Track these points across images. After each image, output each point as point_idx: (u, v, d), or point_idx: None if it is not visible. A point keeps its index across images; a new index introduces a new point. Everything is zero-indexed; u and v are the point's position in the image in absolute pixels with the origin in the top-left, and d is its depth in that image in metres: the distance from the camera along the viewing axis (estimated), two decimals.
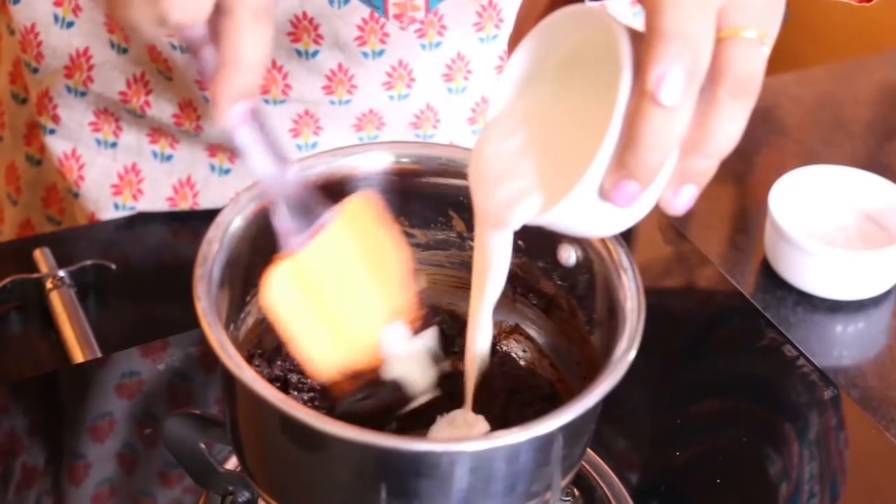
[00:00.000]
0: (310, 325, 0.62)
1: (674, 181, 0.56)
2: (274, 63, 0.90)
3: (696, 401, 0.83)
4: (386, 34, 0.90)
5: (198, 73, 0.92)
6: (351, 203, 0.63)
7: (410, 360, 0.64)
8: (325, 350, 0.62)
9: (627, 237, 0.63)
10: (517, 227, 0.60)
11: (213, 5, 0.55)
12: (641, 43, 0.54)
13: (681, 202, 0.57)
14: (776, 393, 0.83)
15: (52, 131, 0.97)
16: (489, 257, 0.62)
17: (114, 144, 0.97)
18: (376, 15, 0.89)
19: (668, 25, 0.53)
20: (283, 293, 0.61)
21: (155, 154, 0.97)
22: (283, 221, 0.60)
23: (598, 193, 0.55)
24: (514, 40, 0.60)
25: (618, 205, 0.55)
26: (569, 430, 0.57)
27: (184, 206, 0.98)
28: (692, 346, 0.88)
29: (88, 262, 0.89)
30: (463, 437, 0.62)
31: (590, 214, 0.57)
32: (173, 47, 0.90)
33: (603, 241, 0.64)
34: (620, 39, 0.54)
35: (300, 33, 0.89)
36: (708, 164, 0.56)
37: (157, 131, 0.96)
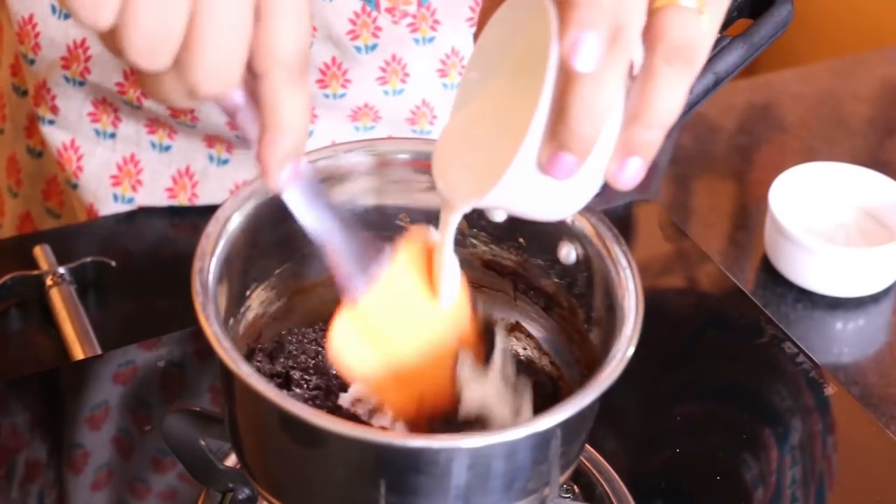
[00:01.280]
0: (382, 373, 0.61)
1: (618, 153, 0.56)
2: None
3: (695, 398, 0.83)
4: (378, 28, 0.90)
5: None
6: (405, 242, 0.62)
7: (488, 394, 0.64)
8: (401, 396, 0.62)
9: (627, 235, 0.63)
10: (465, 209, 0.61)
11: (244, 70, 0.53)
12: None
13: (627, 175, 0.56)
14: (776, 390, 0.83)
15: (50, 122, 0.97)
16: (443, 236, 0.62)
17: (112, 135, 0.97)
18: (368, 8, 0.89)
19: None
20: (350, 343, 0.60)
21: (153, 145, 0.97)
22: (342, 270, 0.59)
23: (538, 169, 0.55)
24: (480, 27, 0.60)
25: (557, 178, 0.55)
26: (567, 426, 0.57)
27: (183, 196, 0.98)
28: (692, 343, 0.88)
29: (88, 259, 0.89)
30: (461, 434, 0.62)
31: (536, 193, 0.57)
32: None
33: (602, 238, 0.64)
34: (550, 12, 0.54)
35: None
36: (651, 136, 0.55)
37: (154, 122, 0.96)
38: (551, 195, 0.57)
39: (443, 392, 0.63)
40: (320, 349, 0.68)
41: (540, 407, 0.67)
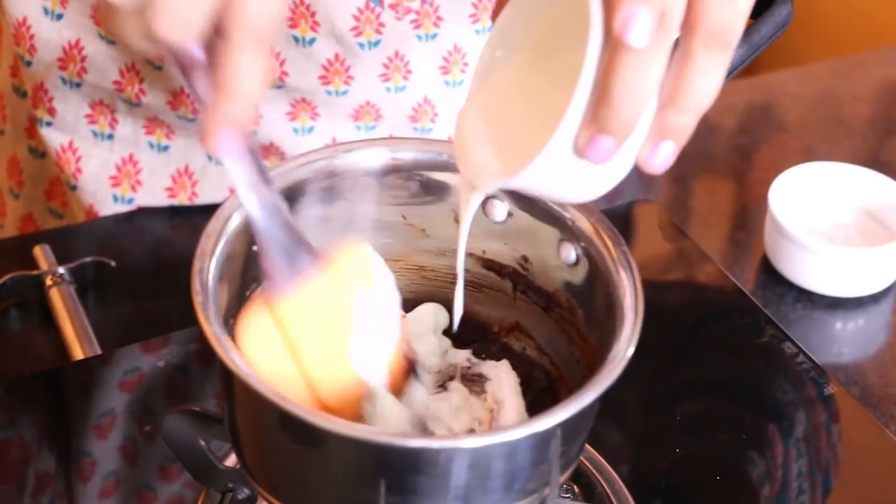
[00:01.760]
0: (282, 374, 0.60)
1: (651, 137, 0.56)
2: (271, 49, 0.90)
3: (695, 397, 0.83)
4: (381, 24, 0.90)
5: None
6: (343, 252, 0.61)
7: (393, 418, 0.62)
8: (300, 397, 0.60)
9: (627, 234, 0.63)
10: (491, 190, 0.60)
11: (208, 25, 0.53)
12: None
13: (659, 160, 0.56)
14: (776, 390, 0.83)
15: (48, 124, 0.97)
16: (463, 216, 0.62)
17: (110, 136, 0.97)
18: (372, 4, 0.89)
19: None
20: (258, 336, 0.59)
21: (151, 145, 0.97)
22: (267, 260, 0.59)
23: (573, 152, 0.55)
24: (498, 6, 0.60)
25: (593, 161, 0.54)
26: (567, 426, 0.57)
27: (183, 196, 0.98)
28: (691, 343, 0.88)
29: (88, 259, 0.89)
30: (461, 434, 0.62)
31: (566, 176, 0.56)
32: None
33: (602, 238, 0.64)
34: None
35: (297, 19, 0.88)
36: (686, 120, 0.55)
37: (152, 122, 0.96)
38: (581, 177, 0.57)
39: (344, 413, 0.60)
40: None
41: (539, 407, 0.67)
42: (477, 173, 0.60)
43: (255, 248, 0.60)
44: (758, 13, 0.68)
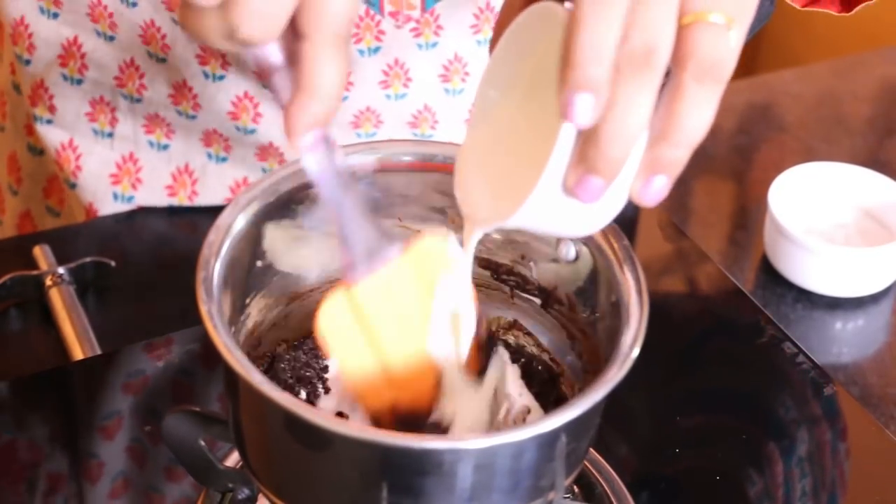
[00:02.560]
0: (362, 363, 0.61)
1: (643, 171, 0.55)
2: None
3: (695, 398, 0.83)
4: (381, 32, 0.90)
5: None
6: (422, 242, 0.61)
7: (468, 408, 0.63)
8: (375, 389, 0.61)
9: (627, 234, 0.63)
10: (488, 229, 0.60)
11: (287, 26, 0.53)
12: None
13: (651, 194, 0.55)
14: (776, 390, 0.83)
15: (48, 121, 0.97)
16: (465, 250, 0.62)
17: (110, 134, 0.97)
18: (372, 12, 0.89)
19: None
20: (338, 324, 0.60)
21: (151, 144, 0.97)
22: (348, 249, 0.59)
23: (564, 191, 0.55)
24: (495, 40, 0.60)
25: (583, 201, 0.54)
26: (574, 426, 0.57)
27: (182, 194, 0.98)
28: (691, 343, 0.88)
29: (88, 259, 0.89)
30: (467, 435, 0.62)
31: (561, 214, 0.56)
32: (175, 22, 0.89)
33: (605, 234, 0.64)
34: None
35: None
36: (678, 154, 0.54)
37: (152, 121, 0.96)
38: (576, 215, 0.57)
39: (420, 396, 0.62)
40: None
41: (542, 403, 0.67)
42: (474, 212, 0.60)
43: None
44: None
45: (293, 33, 0.53)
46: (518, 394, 0.67)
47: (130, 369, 0.82)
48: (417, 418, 0.62)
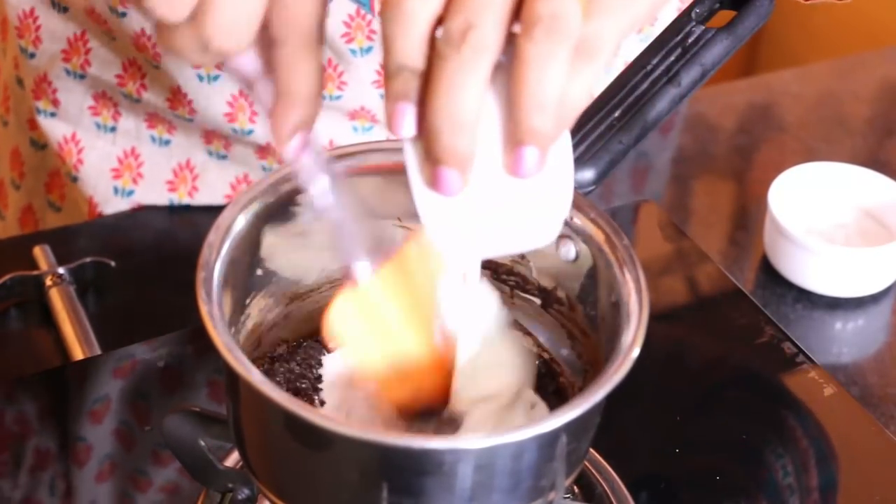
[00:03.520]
0: (377, 360, 0.61)
1: (508, 144, 0.53)
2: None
3: (694, 398, 0.83)
4: (373, 31, 0.89)
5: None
6: (417, 236, 0.61)
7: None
8: (393, 382, 0.61)
9: (627, 234, 0.63)
10: (467, 265, 0.60)
11: (259, 34, 0.53)
12: None
13: (523, 167, 0.53)
14: (775, 390, 0.83)
15: (51, 114, 0.97)
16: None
17: (113, 129, 0.97)
18: (362, 11, 0.88)
19: None
20: (349, 323, 0.60)
21: (153, 139, 0.97)
22: (344, 252, 0.59)
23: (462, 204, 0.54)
24: None
25: (444, 194, 0.53)
26: (574, 426, 0.57)
27: (183, 190, 0.98)
28: (691, 343, 0.88)
29: (88, 260, 0.89)
30: (467, 435, 0.62)
31: (501, 228, 0.56)
32: None
33: (605, 234, 0.63)
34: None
35: None
36: (539, 122, 0.52)
37: (154, 117, 0.96)
38: (515, 222, 0.56)
39: (432, 389, 0.62)
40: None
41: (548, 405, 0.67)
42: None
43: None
44: (740, 4, 0.68)
45: (268, 41, 0.54)
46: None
47: (130, 368, 0.81)
48: (432, 411, 0.62)
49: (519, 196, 0.55)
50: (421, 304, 0.61)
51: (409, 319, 0.61)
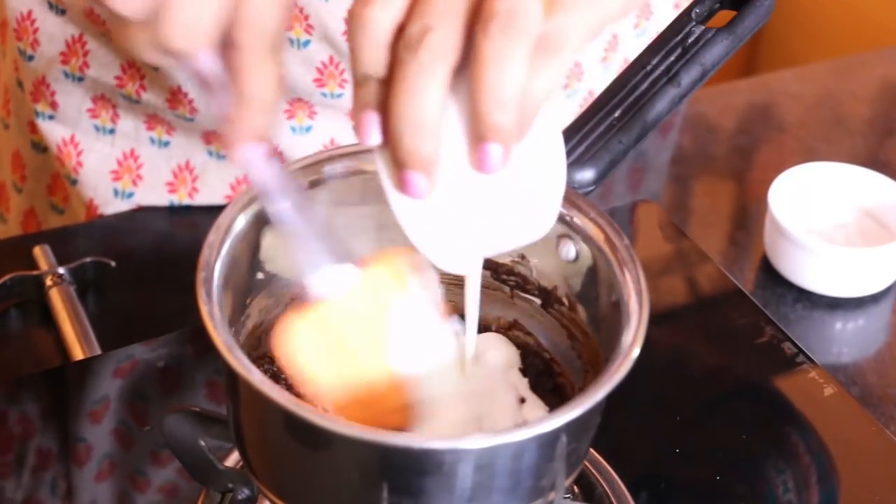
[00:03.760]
0: (331, 380, 0.59)
1: (472, 141, 0.53)
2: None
3: (694, 398, 0.83)
4: None
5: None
6: (381, 257, 0.61)
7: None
8: (341, 410, 0.60)
9: (627, 234, 0.63)
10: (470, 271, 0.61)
11: (218, 35, 0.53)
12: None
13: (487, 163, 0.53)
14: (775, 390, 0.83)
15: (50, 117, 0.97)
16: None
17: (112, 131, 0.97)
18: None
19: None
20: (299, 345, 0.59)
21: (152, 140, 0.97)
22: (302, 263, 0.58)
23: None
24: None
25: (412, 196, 0.54)
26: (574, 426, 0.57)
27: (183, 191, 0.98)
28: (691, 344, 0.88)
29: (88, 260, 0.89)
30: (467, 435, 0.62)
31: (503, 224, 0.56)
32: None
33: (605, 234, 0.63)
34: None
35: (292, 21, 0.88)
36: (497, 118, 0.52)
37: (153, 118, 0.96)
38: (509, 216, 0.57)
39: (388, 416, 0.60)
40: None
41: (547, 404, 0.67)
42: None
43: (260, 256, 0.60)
44: (740, 4, 0.68)
45: (228, 44, 0.54)
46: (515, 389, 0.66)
47: (130, 368, 0.81)
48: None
49: (502, 193, 0.56)
50: (380, 325, 0.60)
51: (365, 341, 0.60)
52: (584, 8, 0.53)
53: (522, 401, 0.66)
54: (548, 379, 0.69)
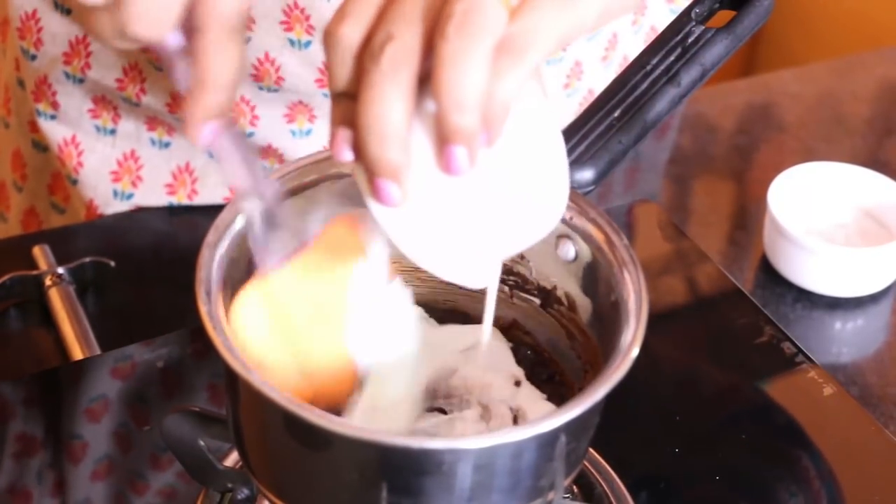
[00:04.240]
0: (278, 354, 0.60)
1: (438, 143, 0.53)
2: (267, 55, 0.90)
3: (694, 397, 0.83)
4: None
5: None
6: (333, 227, 0.61)
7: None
8: (291, 384, 0.60)
9: (626, 234, 0.63)
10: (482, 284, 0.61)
11: (182, 20, 0.54)
12: None
13: (453, 165, 0.53)
14: (775, 390, 0.83)
15: (52, 117, 0.97)
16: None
17: (112, 131, 0.97)
18: None
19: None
20: (253, 317, 0.59)
21: (153, 141, 0.97)
22: (258, 240, 0.59)
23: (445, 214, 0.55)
24: None
25: (385, 204, 0.54)
26: (573, 426, 0.57)
27: (182, 193, 0.98)
28: (691, 344, 0.88)
29: (87, 259, 0.89)
30: (467, 435, 0.62)
31: (502, 228, 0.56)
32: None
33: (605, 234, 0.63)
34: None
35: (293, 22, 0.88)
36: (463, 120, 0.52)
37: (153, 119, 0.96)
38: (518, 220, 0.57)
39: (338, 391, 0.61)
40: None
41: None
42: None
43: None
44: (739, 4, 0.68)
45: (191, 26, 0.54)
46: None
47: (129, 368, 0.81)
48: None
49: (501, 195, 0.56)
50: (329, 303, 0.61)
51: (314, 318, 0.60)
52: (553, 11, 0.53)
53: (518, 384, 0.66)
54: (547, 379, 0.69)
